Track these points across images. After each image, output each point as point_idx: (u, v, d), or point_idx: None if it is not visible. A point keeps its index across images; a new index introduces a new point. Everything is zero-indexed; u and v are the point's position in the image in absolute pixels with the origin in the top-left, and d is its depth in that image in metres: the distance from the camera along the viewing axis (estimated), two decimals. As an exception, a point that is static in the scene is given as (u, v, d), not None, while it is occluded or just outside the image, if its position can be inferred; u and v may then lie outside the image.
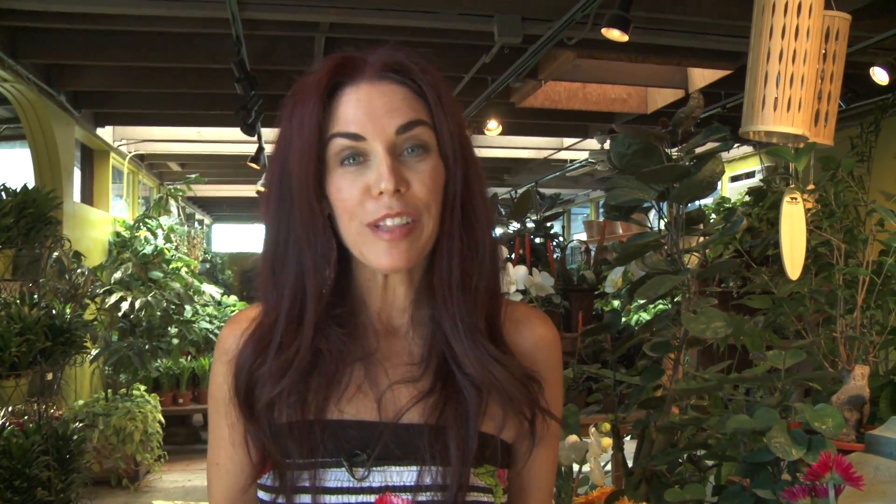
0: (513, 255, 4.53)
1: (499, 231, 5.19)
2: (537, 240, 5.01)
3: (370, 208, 0.87)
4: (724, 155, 7.80)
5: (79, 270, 5.55)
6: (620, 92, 5.84)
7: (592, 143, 7.21)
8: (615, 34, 3.27)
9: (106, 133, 6.99)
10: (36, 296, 3.84)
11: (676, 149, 1.60)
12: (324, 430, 0.90)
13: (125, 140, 7.32)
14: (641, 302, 1.48)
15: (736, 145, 7.34)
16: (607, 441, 1.48)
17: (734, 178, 7.80)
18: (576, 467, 1.50)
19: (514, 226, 4.95)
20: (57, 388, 3.86)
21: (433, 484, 0.89)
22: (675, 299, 1.62)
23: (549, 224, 5.27)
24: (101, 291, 5.89)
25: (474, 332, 0.93)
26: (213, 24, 4.07)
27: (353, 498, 0.89)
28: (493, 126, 5.47)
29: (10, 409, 3.78)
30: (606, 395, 1.62)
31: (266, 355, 0.91)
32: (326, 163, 0.89)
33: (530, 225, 5.05)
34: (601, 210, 10.96)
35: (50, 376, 3.77)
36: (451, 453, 0.89)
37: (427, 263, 0.96)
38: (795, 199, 1.56)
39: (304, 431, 0.90)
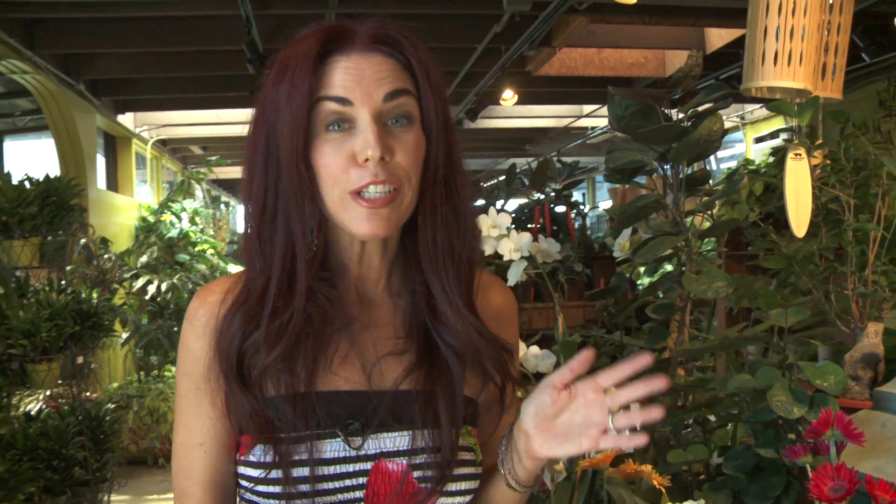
0: (533, 225, 4.52)
1: (522, 200, 5.19)
2: (558, 209, 5.00)
3: (354, 176, 0.87)
4: (749, 116, 7.66)
5: (105, 256, 5.64)
6: (637, 56, 5.77)
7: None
8: (624, -4, 3.22)
9: (127, 120, 7.06)
10: (63, 282, 3.92)
11: (677, 109, 1.58)
12: (318, 400, 0.91)
13: (146, 126, 7.38)
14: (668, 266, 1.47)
15: (758, 105, 7.21)
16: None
17: (759, 140, 7.68)
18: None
19: (536, 196, 4.93)
20: (88, 371, 3.94)
21: (426, 447, 0.92)
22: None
23: (568, 192, 5.25)
24: (129, 276, 5.98)
25: (459, 302, 0.95)
26: (224, 5, 4.08)
27: (350, 467, 0.91)
28: (509, 96, 5.43)
29: (48, 392, 3.87)
30: (614, 360, 1.62)
31: (259, 322, 0.91)
32: (311, 128, 0.89)
33: (551, 194, 5.03)
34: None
35: (80, 360, 3.84)
36: (442, 417, 0.92)
37: (401, 235, 0.97)
38: (800, 155, 1.54)
39: (299, 402, 0.90)
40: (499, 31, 4.48)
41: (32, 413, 3.65)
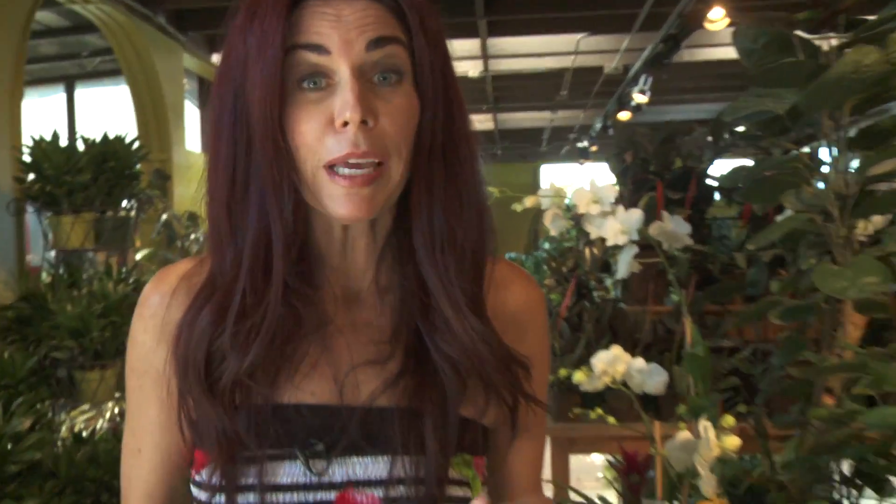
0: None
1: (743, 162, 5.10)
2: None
3: (331, 144, 0.96)
4: None
5: (193, 236, 6.04)
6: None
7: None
8: None
9: (226, 60, 7.50)
10: (124, 268, 4.27)
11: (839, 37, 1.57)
12: (275, 415, 1.01)
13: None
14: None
15: None
16: (733, 441, 1.50)
17: None
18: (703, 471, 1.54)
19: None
20: (153, 382, 4.28)
21: (407, 477, 1.00)
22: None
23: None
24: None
25: (459, 301, 1.04)
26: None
27: (310, 496, 1.01)
28: (717, 16, 5.35)
29: (116, 410, 4.22)
30: (744, 379, 1.65)
31: (226, 321, 1.02)
32: (285, 86, 0.98)
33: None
34: None
35: (143, 367, 4.17)
36: (428, 441, 1.01)
37: (394, 217, 1.07)
38: None
39: (252, 417, 1.01)
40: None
41: (84, 434, 4.01)
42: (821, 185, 1.60)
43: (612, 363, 1.81)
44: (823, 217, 1.45)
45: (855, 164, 1.60)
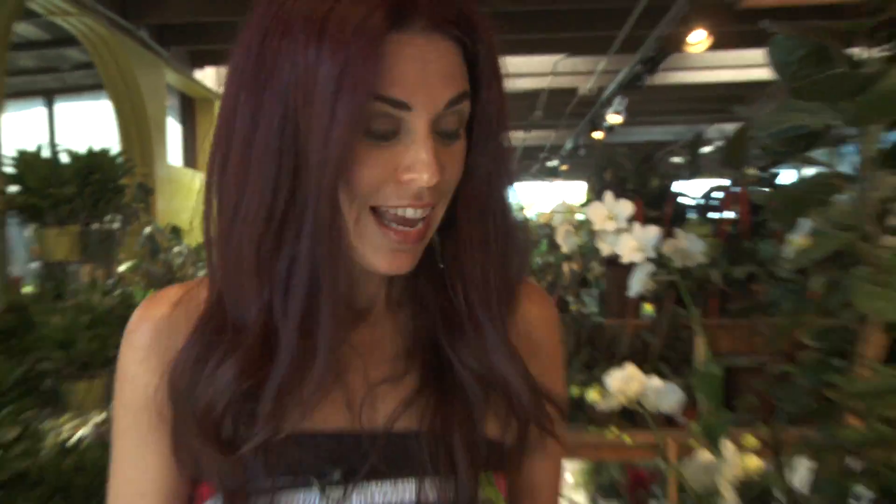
0: (719, 216, 4.41)
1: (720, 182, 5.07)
2: (766, 195, 4.84)
3: (389, 192, 0.87)
4: None
5: (176, 249, 5.96)
6: (889, -22, 5.50)
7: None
8: None
9: (208, 76, 7.41)
10: (110, 280, 4.19)
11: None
12: (286, 443, 0.92)
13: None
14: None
15: None
16: (754, 462, 1.45)
17: None
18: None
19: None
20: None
21: (438, 498, 0.93)
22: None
23: (778, 172, 5.08)
24: (205, 273, 6.28)
25: (493, 316, 0.97)
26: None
27: None
28: (698, 38, 5.31)
29: (100, 418, 4.13)
30: (763, 398, 1.59)
31: (258, 375, 0.91)
32: None
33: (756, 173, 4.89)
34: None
35: (128, 379, 4.08)
36: (459, 460, 0.93)
37: None
38: None
39: (263, 446, 0.91)
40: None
41: (69, 444, 3.91)
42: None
43: (626, 382, 1.75)
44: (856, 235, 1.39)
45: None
